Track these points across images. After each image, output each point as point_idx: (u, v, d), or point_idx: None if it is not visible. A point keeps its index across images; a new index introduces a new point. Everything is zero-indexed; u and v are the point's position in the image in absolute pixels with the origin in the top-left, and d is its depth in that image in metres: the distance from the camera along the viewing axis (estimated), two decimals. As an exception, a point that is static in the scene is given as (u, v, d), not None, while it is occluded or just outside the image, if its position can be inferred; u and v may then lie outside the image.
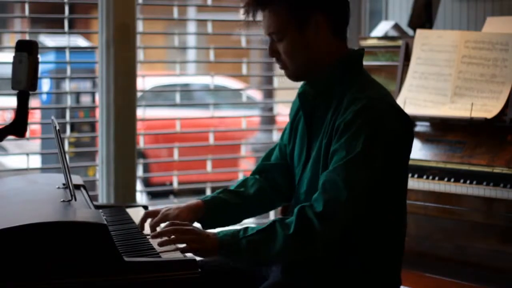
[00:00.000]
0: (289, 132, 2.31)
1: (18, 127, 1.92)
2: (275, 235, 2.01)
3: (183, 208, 2.25)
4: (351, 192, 1.99)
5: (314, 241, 2.01)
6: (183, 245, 2.02)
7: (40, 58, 1.95)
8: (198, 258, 1.98)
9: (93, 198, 3.16)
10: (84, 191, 2.47)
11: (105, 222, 1.89)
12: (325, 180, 2.03)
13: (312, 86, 2.19)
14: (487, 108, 3.14)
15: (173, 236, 2.03)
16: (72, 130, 4.01)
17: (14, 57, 1.89)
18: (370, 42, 3.75)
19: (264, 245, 2.02)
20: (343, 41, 2.18)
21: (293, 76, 2.19)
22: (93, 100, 4.83)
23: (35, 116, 5.25)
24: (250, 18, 2.14)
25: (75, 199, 2.12)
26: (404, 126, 2.11)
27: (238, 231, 2.05)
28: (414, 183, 3.18)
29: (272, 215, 3.98)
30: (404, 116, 2.13)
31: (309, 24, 2.11)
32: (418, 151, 3.27)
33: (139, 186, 3.74)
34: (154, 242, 2.07)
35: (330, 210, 1.99)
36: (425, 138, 3.31)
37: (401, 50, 3.50)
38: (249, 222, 4.27)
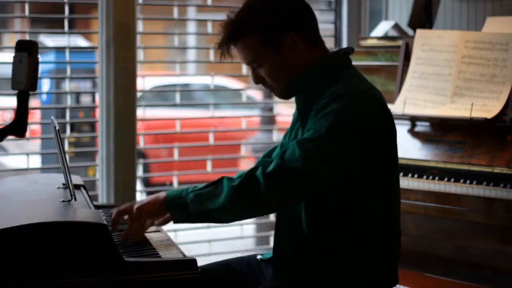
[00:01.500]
0: (290, 131, 2.32)
1: (18, 127, 1.92)
2: (221, 188, 2.06)
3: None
4: (304, 163, 2.01)
5: (257, 196, 2.02)
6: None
7: (40, 58, 1.95)
8: (198, 257, 1.98)
9: (93, 198, 3.16)
10: (84, 191, 2.47)
11: (105, 222, 1.89)
12: (287, 148, 2.06)
13: (298, 94, 2.21)
14: (487, 108, 3.14)
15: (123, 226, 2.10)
16: (72, 130, 4.01)
17: (14, 57, 1.89)
18: (370, 42, 3.75)
19: (209, 197, 2.06)
20: (320, 47, 2.20)
21: (283, 95, 2.23)
22: (93, 100, 4.83)
23: (35, 116, 5.25)
24: (226, 55, 2.18)
25: (75, 199, 2.12)
26: (382, 118, 2.11)
27: (188, 187, 2.10)
28: (414, 183, 3.18)
29: (272, 215, 3.98)
30: (383, 109, 2.13)
31: (283, 45, 2.14)
32: (418, 151, 3.27)
33: (139, 186, 3.75)
34: (155, 242, 2.07)
35: (278, 171, 2.02)
36: (425, 138, 3.31)
37: (401, 50, 3.51)
38: (249, 221, 4.27)
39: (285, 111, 4.64)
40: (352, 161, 2.05)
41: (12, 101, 2.14)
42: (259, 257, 2.30)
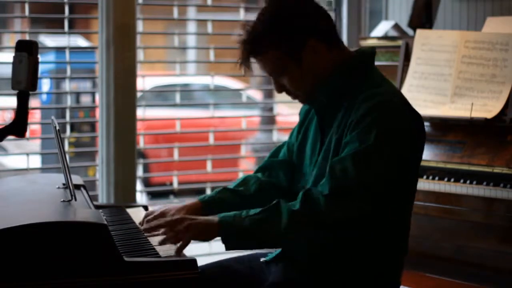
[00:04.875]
0: (298, 131, 2.31)
1: (18, 127, 1.92)
2: (280, 212, 2.00)
3: (180, 208, 2.25)
4: (360, 181, 1.98)
5: (320, 217, 1.98)
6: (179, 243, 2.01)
7: (40, 58, 1.95)
8: (198, 257, 1.98)
9: (93, 198, 3.16)
10: (84, 191, 2.47)
11: (105, 222, 1.89)
12: (335, 166, 2.01)
13: (320, 96, 2.17)
14: (487, 108, 3.14)
15: (163, 232, 2.02)
16: (72, 130, 4.01)
17: (14, 57, 1.89)
18: (370, 42, 3.75)
19: (269, 222, 2.00)
20: (339, 47, 2.18)
21: (308, 100, 2.20)
22: (93, 100, 4.83)
23: (35, 116, 5.25)
24: (248, 70, 2.14)
25: (75, 199, 2.12)
26: (416, 124, 2.12)
27: (241, 212, 2.03)
28: (414, 183, 3.18)
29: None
30: (416, 114, 2.13)
31: (305, 54, 2.10)
32: (418, 151, 3.27)
33: (139, 186, 3.74)
34: (155, 242, 2.07)
35: (337, 193, 1.98)
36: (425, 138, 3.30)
37: (401, 50, 3.51)
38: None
39: (285, 111, 4.65)
40: (400, 170, 2.03)
41: (12, 101, 2.15)
42: (262, 259, 2.28)
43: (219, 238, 2.06)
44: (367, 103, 2.04)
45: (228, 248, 2.05)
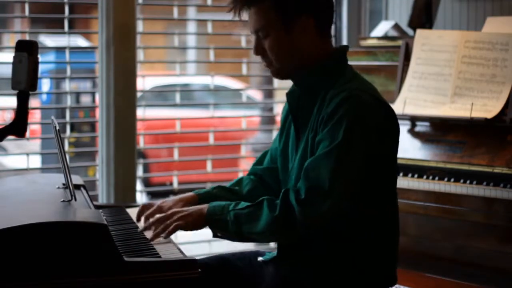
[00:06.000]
0: (280, 134, 2.32)
1: (18, 127, 1.92)
2: (261, 214, 2.07)
3: (177, 200, 2.31)
4: (333, 180, 2.01)
5: (294, 227, 2.04)
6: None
7: (40, 58, 1.95)
8: (198, 257, 1.98)
9: (93, 198, 3.16)
10: (84, 191, 2.47)
11: (105, 222, 1.89)
12: (308, 168, 2.05)
13: (297, 85, 2.20)
14: (487, 108, 3.14)
15: (160, 227, 2.11)
16: (72, 130, 4.01)
17: (14, 57, 1.89)
18: (370, 42, 3.75)
19: (249, 221, 2.08)
20: (329, 40, 2.20)
21: (278, 74, 2.20)
22: (93, 100, 4.83)
23: (35, 116, 5.25)
24: (237, 18, 2.15)
25: (75, 199, 2.12)
26: (387, 118, 2.12)
27: (230, 204, 2.12)
28: (414, 183, 3.18)
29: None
30: (387, 108, 2.13)
31: (296, 26, 2.12)
32: (418, 151, 3.27)
33: (139, 186, 3.74)
34: (155, 242, 2.07)
35: (311, 197, 2.02)
36: (425, 138, 3.31)
37: (401, 50, 3.50)
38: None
39: (285, 111, 4.64)
40: (371, 164, 2.05)
41: (12, 101, 2.15)
42: (260, 258, 2.29)
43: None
44: (336, 99, 2.06)
45: (213, 235, 2.17)
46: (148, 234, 2.15)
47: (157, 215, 2.18)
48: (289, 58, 2.15)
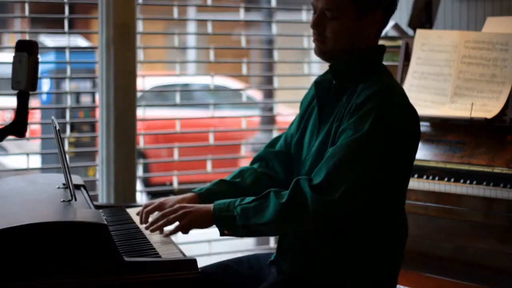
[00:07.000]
0: (299, 122, 2.31)
1: (18, 127, 1.92)
2: (268, 204, 2.05)
3: (178, 200, 2.29)
4: (352, 168, 2.00)
5: (305, 214, 2.01)
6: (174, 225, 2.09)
7: (40, 58, 1.95)
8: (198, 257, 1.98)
9: (93, 198, 3.16)
10: (84, 191, 2.47)
11: (105, 222, 1.89)
12: (330, 154, 2.04)
13: (333, 71, 2.19)
14: (487, 108, 3.14)
15: (162, 221, 2.11)
16: (72, 130, 4.01)
17: (14, 57, 1.89)
18: (370, 42, 3.75)
19: (256, 213, 2.05)
20: (379, 36, 2.22)
21: (323, 53, 2.18)
22: (93, 100, 4.83)
23: (35, 116, 5.26)
24: None
25: (75, 199, 2.12)
26: (413, 121, 2.13)
27: (235, 200, 2.10)
28: (414, 183, 3.18)
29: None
30: (414, 112, 2.15)
31: (368, 18, 2.13)
32: (418, 151, 3.25)
33: (139, 186, 3.74)
34: (155, 242, 2.07)
35: (328, 183, 2.00)
36: (425, 138, 3.31)
37: (401, 50, 3.51)
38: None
39: (285, 111, 4.65)
40: (389, 163, 2.05)
41: (12, 101, 2.15)
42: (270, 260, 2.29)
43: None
44: (367, 91, 2.07)
45: (221, 234, 2.13)
46: (148, 231, 2.15)
47: (165, 210, 2.16)
48: (347, 45, 2.15)
